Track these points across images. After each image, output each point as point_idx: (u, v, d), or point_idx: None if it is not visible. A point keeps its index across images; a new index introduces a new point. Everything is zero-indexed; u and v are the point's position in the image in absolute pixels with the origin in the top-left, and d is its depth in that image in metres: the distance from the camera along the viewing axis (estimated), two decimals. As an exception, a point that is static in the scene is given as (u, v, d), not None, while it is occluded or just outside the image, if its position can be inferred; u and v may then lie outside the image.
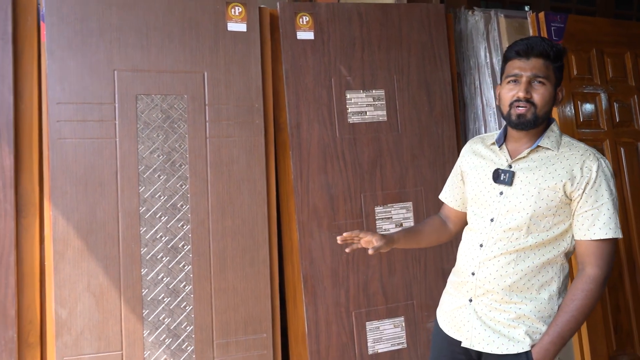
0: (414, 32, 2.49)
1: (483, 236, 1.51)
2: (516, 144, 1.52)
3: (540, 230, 1.43)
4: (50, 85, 2.01)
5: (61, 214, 1.99)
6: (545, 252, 1.45)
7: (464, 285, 1.55)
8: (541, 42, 1.44)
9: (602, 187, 1.40)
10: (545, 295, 1.45)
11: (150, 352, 2.06)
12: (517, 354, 1.43)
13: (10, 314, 1.96)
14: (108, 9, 2.07)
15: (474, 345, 1.50)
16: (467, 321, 1.53)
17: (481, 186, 1.54)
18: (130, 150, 2.07)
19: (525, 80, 1.43)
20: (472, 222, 1.58)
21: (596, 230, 1.39)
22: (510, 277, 1.45)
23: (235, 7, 2.22)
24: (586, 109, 2.45)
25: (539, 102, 1.43)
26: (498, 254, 1.46)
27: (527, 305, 1.45)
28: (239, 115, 2.21)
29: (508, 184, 1.47)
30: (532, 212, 1.42)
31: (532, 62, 1.43)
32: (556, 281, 1.46)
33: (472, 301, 1.53)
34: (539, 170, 1.45)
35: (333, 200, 2.35)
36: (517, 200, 1.45)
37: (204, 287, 2.12)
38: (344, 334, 2.33)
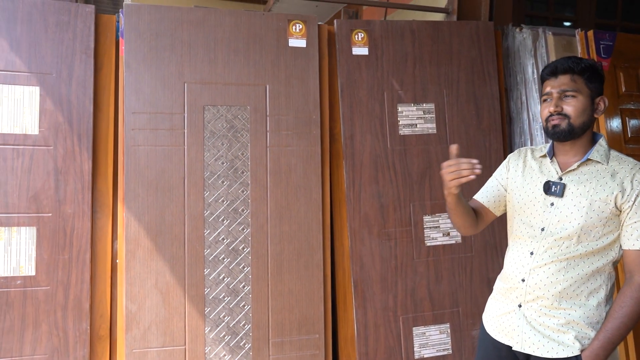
0: (463, 48, 2.58)
1: (534, 244, 1.56)
2: (565, 156, 1.59)
3: (590, 239, 1.50)
4: (127, 95, 2.17)
5: (133, 215, 2.15)
6: (594, 261, 1.51)
7: (514, 291, 1.61)
8: (566, 60, 1.56)
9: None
10: (594, 302, 1.51)
11: (210, 348, 2.18)
12: (567, 357, 1.49)
13: (84, 307, 2.12)
14: (180, 25, 2.23)
15: (524, 348, 1.55)
16: (517, 326, 1.58)
17: (531, 196, 1.60)
18: (197, 158, 2.22)
19: (556, 96, 1.54)
20: (520, 230, 1.63)
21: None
22: (560, 284, 1.51)
23: (296, 24, 2.35)
24: (634, 125, 2.49)
25: (572, 113, 1.52)
26: (549, 261, 1.52)
27: (576, 312, 1.50)
28: (298, 126, 2.33)
29: (559, 195, 1.53)
30: (584, 222, 1.48)
31: (559, 79, 1.55)
32: (604, 289, 1.52)
33: (521, 307, 1.58)
34: (589, 183, 1.51)
35: (383, 209, 2.44)
36: (568, 211, 1.51)
37: (261, 288, 2.24)
38: (391, 337, 2.41)
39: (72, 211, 2.12)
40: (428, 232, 2.49)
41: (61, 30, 2.14)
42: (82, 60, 2.16)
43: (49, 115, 2.12)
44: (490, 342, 1.68)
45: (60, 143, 2.12)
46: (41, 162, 2.10)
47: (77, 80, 2.15)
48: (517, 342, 1.58)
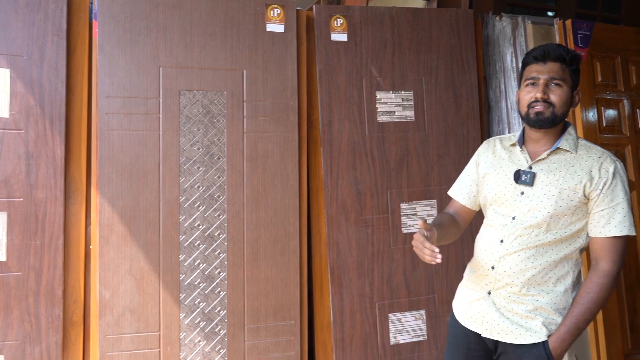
0: (443, 36, 2.58)
1: (504, 232, 1.57)
2: (535, 145, 1.60)
3: (559, 227, 1.52)
4: (100, 79, 2.13)
5: (107, 201, 2.12)
6: (562, 248, 1.53)
7: (483, 278, 1.62)
8: (557, 47, 1.54)
9: (617, 188, 1.49)
10: (561, 288, 1.53)
11: (185, 334, 2.18)
12: (534, 343, 1.51)
13: (57, 293, 2.09)
14: (155, 8, 2.19)
15: (493, 335, 1.57)
16: (486, 313, 1.60)
17: (501, 186, 1.61)
18: (172, 143, 2.19)
19: (543, 82, 1.52)
20: (492, 219, 1.64)
21: (611, 228, 1.47)
22: (529, 271, 1.53)
23: (274, 9, 2.32)
24: (609, 114, 2.52)
25: (557, 102, 1.52)
26: (518, 249, 1.54)
27: (544, 298, 1.52)
28: (275, 111, 2.32)
29: (529, 184, 1.55)
30: (553, 211, 1.50)
31: (549, 65, 1.53)
32: (571, 275, 1.55)
33: (490, 294, 1.60)
34: (559, 172, 1.53)
35: (360, 196, 2.45)
36: (538, 200, 1.53)
37: (237, 274, 2.24)
38: (367, 323, 2.43)
39: (44, 196, 2.09)
40: (405, 220, 2.50)
41: (32, 11, 2.09)
42: (54, 42, 2.11)
43: (20, 98, 2.08)
44: (459, 329, 1.69)
45: (32, 127, 2.08)
46: (12, 146, 2.06)
47: (49, 62, 2.11)
48: (486, 329, 1.59)
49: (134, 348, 2.12)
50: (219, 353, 2.21)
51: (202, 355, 2.19)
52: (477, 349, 1.65)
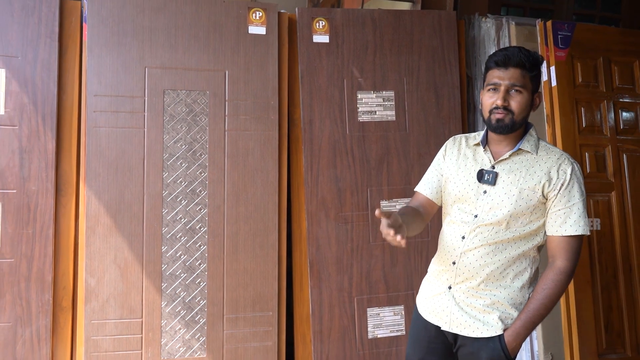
0: (425, 37, 2.63)
1: (466, 229, 1.63)
2: (498, 146, 1.64)
3: (518, 225, 1.57)
4: (89, 79, 2.26)
5: (94, 194, 2.25)
6: (521, 245, 1.58)
7: (445, 273, 1.68)
8: (518, 52, 1.56)
9: (574, 189, 1.54)
10: (519, 284, 1.59)
11: (166, 322, 2.29)
12: (490, 337, 1.57)
13: (47, 279, 2.23)
14: (141, 12, 2.31)
15: (452, 328, 1.63)
16: (446, 307, 1.65)
17: (465, 184, 1.65)
18: (156, 140, 2.31)
19: (504, 89, 1.55)
20: (455, 216, 1.68)
21: (567, 227, 1.53)
22: (488, 267, 1.58)
23: (256, 12, 2.42)
24: (589, 115, 2.53)
25: (516, 109, 1.55)
26: (478, 245, 1.59)
27: (501, 293, 1.58)
28: (256, 111, 2.41)
29: (491, 183, 1.59)
30: (513, 209, 1.55)
31: (510, 71, 1.55)
32: (528, 272, 1.60)
33: (451, 288, 1.65)
34: (519, 172, 1.58)
35: (341, 193, 2.52)
36: (499, 199, 1.58)
37: (217, 266, 2.34)
38: (345, 317, 2.50)
39: (36, 188, 2.23)
40: (384, 217, 2.56)
41: (27, 15, 2.23)
42: (47, 44, 2.25)
43: (15, 96, 2.22)
44: (421, 323, 1.74)
45: (25, 123, 2.22)
46: (6, 141, 2.21)
47: (42, 63, 2.25)
48: (446, 322, 1.65)
49: (117, 333, 2.24)
50: (198, 341, 2.31)
51: (182, 342, 2.30)
52: (437, 342, 1.70)
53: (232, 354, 2.34)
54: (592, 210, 2.46)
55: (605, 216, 2.47)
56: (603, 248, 2.47)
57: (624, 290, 2.45)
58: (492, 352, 1.56)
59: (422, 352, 1.73)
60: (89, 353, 2.21)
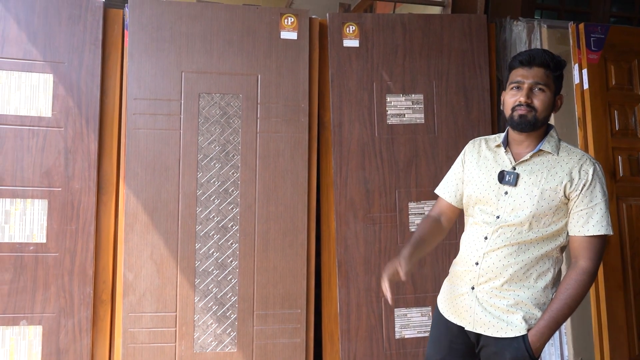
0: (454, 41, 2.65)
1: (488, 230, 1.64)
2: (519, 147, 1.65)
3: (541, 226, 1.58)
4: (129, 83, 2.38)
5: (132, 192, 2.36)
6: (544, 246, 1.59)
7: (468, 274, 1.69)
8: (543, 53, 1.59)
9: (596, 189, 1.55)
10: (542, 284, 1.60)
11: (199, 316, 2.38)
12: (514, 337, 1.57)
13: (88, 273, 2.35)
14: (179, 19, 2.42)
15: (475, 328, 1.64)
16: (470, 307, 1.66)
17: (486, 185, 1.67)
18: (191, 141, 2.41)
19: (527, 86, 1.57)
20: (477, 217, 1.70)
21: (590, 227, 1.53)
22: (511, 267, 1.59)
23: (288, 18, 2.50)
24: (623, 118, 2.49)
25: (539, 107, 1.57)
26: (501, 245, 1.60)
27: (524, 293, 1.59)
28: (287, 113, 2.48)
29: (513, 184, 1.61)
30: (535, 210, 1.56)
31: (534, 70, 1.57)
32: (551, 272, 1.61)
33: (474, 289, 1.66)
34: (541, 173, 1.59)
35: (369, 194, 2.56)
36: (521, 200, 1.59)
37: (248, 263, 2.42)
38: (373, 317, 2.54)
39: (80, 187, 2.36)
40: (413, 218, 2.59)
41: (73, 23, 2.37)
42: (91, 51, 2.38)
43: (61, 100, 2.36)
44: (443, 323, 1.76)
45: (70, 125, 2.36)
46: (53, 142, 2.35)
47: (86, 68, 2.38)
48: (469, 323, 1.66)
49: (153, 326, 2.35)
50: (229, 335, 2.40)
51: (214, 337, 2.39)
52: (459, 342, 1.71)
53: (262, 350, 2.41)
54: (625, 214, 2.43)
55: (639, 220, 2.43)
56: (637, 252, 2.42)
57: (658, 297, 2.40)
58: (517, 352, 1.56)
59: (444, 352, 1.75)
60: (127, 344, 2.32)
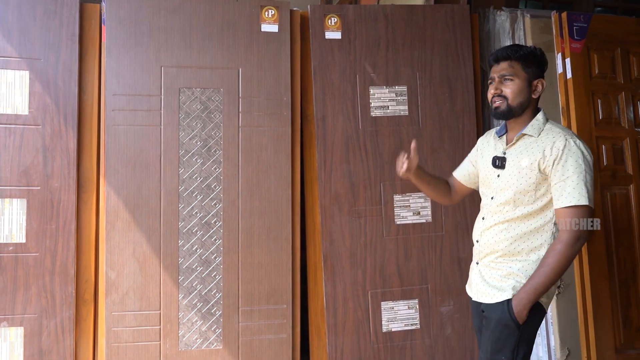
0: (437, 32, 2.63)
1: (485, 210, 1.84)
2: (511, 133, 1.82)
3: (525, 203, 1.72)
4: (108, 79, 2.34)
5: (113, 190, 2.33)
6: (533, 222, 1.72)
7: (474, 251, 1.90)
8: (506, 48, 1.77)
9: (568, 163, 1.64)
10: (534, 257, 1.71)
11: (183, 314, 2.36)
12: (502, 301, 1.71)
13: (70, 273, 2.32)
14: (157, 13, 2.38)
15: (478, 298, 1.82)
16: (474, 280, 1.86)
17: (486, 170, 1.87)
18: (172, 137, 2.38)
19: (497, 79, 1.77)
20: (482, 201, 1.89)
21: (563, 200, 1.64)
22: (502, 243, 1.75)
23: (269, 10, 2.46)
24: (606, 107, 2.49)
25: (509, 95, 1.73)
26: (493, 224, 1.78)
27: (516, 265, 1.72)
28: (269, 107, 2.45)
29: (502, 167, 1.79)
30: (516, 188, 1.72)
31: (500, 65, 1.77)
32: (545, 247, 1.71)
33: (478, 264, 1.86)
34: (522, 154, 1.74)
35: (354, 188, 2.54)
36: (506, 180, 1.75)
37: (232, 259, 2.40)
38: (359, 311, 2.52)
39: (59, 185, 2.32)
40: (398, 211, 2.58)
41: (48, 18, 2.32)
42: (67, 46, 2.34)
43: (38, 97, 2.31)
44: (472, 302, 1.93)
45: (48, 122, 2.32)
46: (31, 140, 2.30)
47: (63, 64, 2.34)
48: (475, 293, 1.85)
49: (136, 324, 2.32)
50: (214, 332, 2.37)
51: (199, 334, 2.36)
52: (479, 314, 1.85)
53: (248, 346, 2.39)
54: (610, 203, 2.43)
55: (623, 209, 2.43)
56: (621, 242, 2.42)
57: (643, 285, 2.41)
58: (501, 314, 1.69)
59: (478, 322, 1.87)
60: (110, 344, 2.29)
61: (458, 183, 2.07)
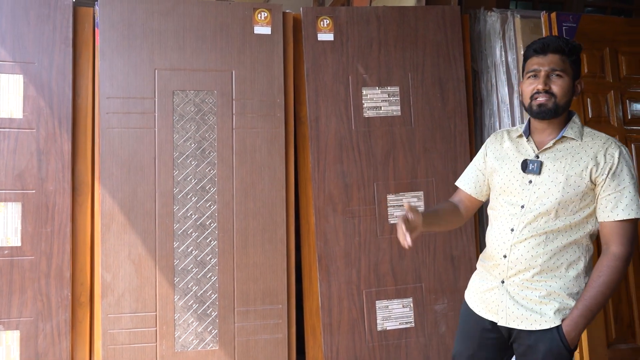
0: (429, 33, 2.66)
1: (514, 221, 1.61)
2: (541, 135, 1.64)
3: (568, 214, 1.55)
4: (102, 82, 2.35)
5: (108, 192, 2.34)
6: (572, 234, 1.57)
7: (496, 268, 1.66)
8: (557, 39, 1.59)
9: (623, 172, 1.52)
10: (573, 273, 1.57)
11: (179, 315, 2.37)
12: (548, 328, 1.55)
13: (66, 276, 2.32)
14: (150, 15, 2.39)
15: (508, 323, 1.61)
16: (501, 302, 1.63)
17: (510, 176, 1.66)
18: (166, 139, 2.39)
19: (544, 73, 1.57)
20: (501, 209, 1.68)
21: (619, 212, 1.50)
22: (540, 257, 1.57)
23: (262, 13, 2.48)
24: (596, 106, 2.52)
25: (558, 93, 1.56)
26: (528, 236, 1.58)
27: (556, 283, 1.56)
28: (262, 109, 2.47)
29: (536, 173, 1.59)
30: (561, 197, 1.54)
31: (549, 57, 1.57)
32: (583, 260, 1.58)
33: (504, 282, 1.64)
34: (565, 159, 1.57)
35: (347, 188, 2.56)
36: (545, 187, 1.57)
37: (227, 260, 2.41)
38: (354, 310, 2.54)
39: (54, 188, 2.32)
40: (391, 210, 2.60)
41: (42, 23, 2.33)
42: (61, 50, 2.35)
43: (32, 100, 2.32)
44: (472, 318, 1.73)
45: (42, 126, 2.32)
46: (25, 144, 2.31)
47: (57, 68, 2.34)
48: (502, 317, 1.63)
49: (132, 326, 2.33)
50: (210, 333, 2.39)
51: (195, 335, 2.38)
52: (491, 336, 1.69)
53: (244, 346, 2.40)
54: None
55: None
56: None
57: (634, 282, 2.43)
58: (551, 344, 1.54)
59: (474, 347, 1.72)
60: (106, 346, 2.30)
61: (468, 197, 1.83)
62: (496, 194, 1.71)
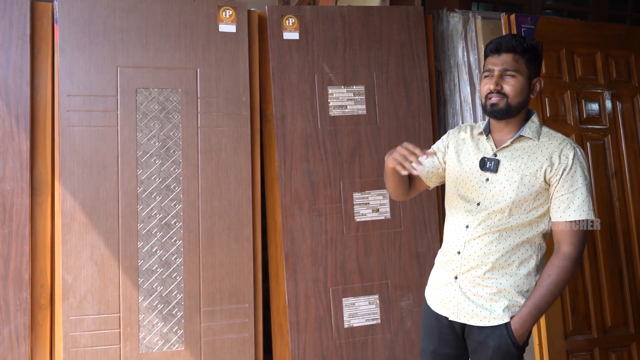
0: (393, 32, 2.69)
1: (469, 218, 1.64)
2: (500, 133, 1.66)
3: (522, 212, 1.58)
4: (61, 79, 2.30)
5: (69, 192, 2.28)
6: (525, 232, 1.59)
7: (450, 263, 1.69)
8: (510, 38, 1.59)
9: (577, 173, 1.55)
10: (524, 271, 1.60)
11: (144, 316, 2.33)
12: (497, 325, 1.58)
13: (24, 278, 2.26)
14: (112, 12, 2.35)
15: (460, 318, 1.65)
16: (453, 297, 1.66)
17: (468, 172, 1.68)
18: (130, 138, 2.35)
19: (497, 74, 1.58)
20: (457, 205, 1.70)
21: (571, 212, 1.54)
22: (493, 255, 1.60)
23: (226, 10, 2.47)
24: (553, 105, 2.60)
25: (510, 93, 1.57)
26: (482, 233, 1.61)
27: (507, 281, 1.59)
28: (228, 107, 2.46)
29: (493, 171, 1.61)
30: (515, 196, 1.57)
31: (502, 57, 1.58)
32: (534, 259, 1.61)
33: (457, 278, 1.66)
34: (521, 158, 1.59)
35: (314, 186, 2.58)
36: (501, 186, 1.59)
37: (193, 260, 2.39)
38: (321, 307, 2.56)
39: (11, 188, 2.26)
40: (357, 209, 2.63)
41: (-2, 18, 2.26)
42: (18, 46, 2.28)
43: (-12, 98, 2.25)
44: (431, 314, 1.76)
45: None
46: (-19, 142, 2.24)
47: (14, 65, 2.28)
48: (453, 313, 1.67)
49: (95, 328, 2.28)
50: (176, 334, 2.36)
51: (160, 336, 2.35)
52: (448, 332, 1.71)
53: (210, 346, 2.39)
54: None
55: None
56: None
57: (589, 274, 2.52)
58: (500, 341, 1.57)
59: (435, 343, 1.75)
60: (68, 349, 2.25)
61: (418, 179, 1.84)
62: (452, 188, 1.73)
